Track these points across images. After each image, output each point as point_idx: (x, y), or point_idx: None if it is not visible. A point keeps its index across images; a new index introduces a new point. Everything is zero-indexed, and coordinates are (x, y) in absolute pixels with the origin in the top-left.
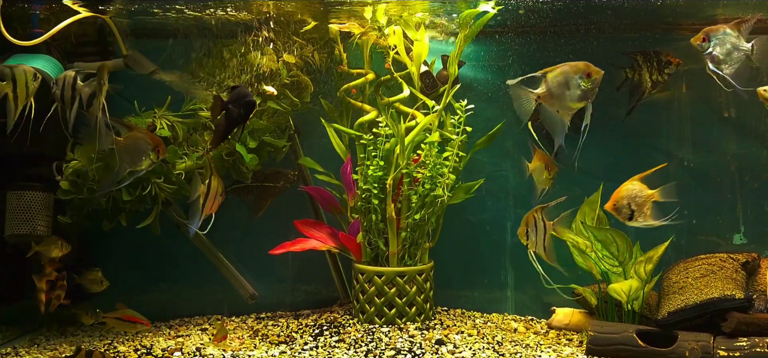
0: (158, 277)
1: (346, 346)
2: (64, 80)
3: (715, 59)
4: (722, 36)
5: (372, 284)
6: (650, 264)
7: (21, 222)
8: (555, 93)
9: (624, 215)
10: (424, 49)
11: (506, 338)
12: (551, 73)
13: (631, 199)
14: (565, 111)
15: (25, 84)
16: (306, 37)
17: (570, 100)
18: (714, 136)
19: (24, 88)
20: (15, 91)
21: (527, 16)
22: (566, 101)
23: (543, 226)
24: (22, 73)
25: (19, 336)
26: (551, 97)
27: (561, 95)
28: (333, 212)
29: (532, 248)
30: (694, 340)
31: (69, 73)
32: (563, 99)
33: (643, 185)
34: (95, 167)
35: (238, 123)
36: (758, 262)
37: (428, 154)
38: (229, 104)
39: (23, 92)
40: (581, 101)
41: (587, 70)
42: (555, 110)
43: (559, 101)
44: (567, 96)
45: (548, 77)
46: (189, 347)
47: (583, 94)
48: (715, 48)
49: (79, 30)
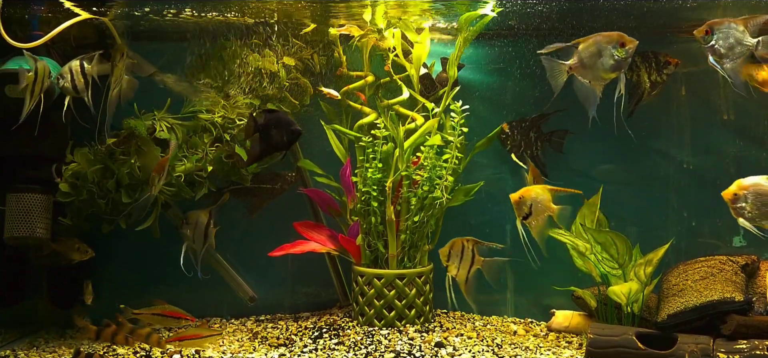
0: (157, 279)
1: (345, 348)
2: (70, 71)
3: (717, 53)
4: (726, 30)
5: (371, 287)
6: (650, 266)
7: (20, 224)
8: (587, 63)
9: (521, 212)
10: (423, 52)
11: (506, 341)
12: (584, 43)
13: (535, 202)
14: (598, 82)
15: (42, 79)
16: (306, 40)
17: (603, 71)
18: (713, 138)
19: (40, 83)
20: (33, 85)
21: (527, 18)
22: (599, 72)
23: (471, 257)
24: (43, 68)
25: (18, 339)
26: (583, 68)
27: (593, 66)
28: (332, 214)
29: (451, 272)
30: (694, 342)
31: (73, 63)
32: (596, 69)
33: (550, 197)
34: (94, 169)
35: (279, 149)
36: (758, 264)
37: (427, 157)
38: (269, 129)
39: (39, 87)
40: (614, 71)
41: (621, 40)
42: (587, 81)
43: (591, 72)
44: (599, 66)
45: (580, 48)
46: (188, 350)
47: (617, 64)
48: (717, 41)
49: (78, 32)
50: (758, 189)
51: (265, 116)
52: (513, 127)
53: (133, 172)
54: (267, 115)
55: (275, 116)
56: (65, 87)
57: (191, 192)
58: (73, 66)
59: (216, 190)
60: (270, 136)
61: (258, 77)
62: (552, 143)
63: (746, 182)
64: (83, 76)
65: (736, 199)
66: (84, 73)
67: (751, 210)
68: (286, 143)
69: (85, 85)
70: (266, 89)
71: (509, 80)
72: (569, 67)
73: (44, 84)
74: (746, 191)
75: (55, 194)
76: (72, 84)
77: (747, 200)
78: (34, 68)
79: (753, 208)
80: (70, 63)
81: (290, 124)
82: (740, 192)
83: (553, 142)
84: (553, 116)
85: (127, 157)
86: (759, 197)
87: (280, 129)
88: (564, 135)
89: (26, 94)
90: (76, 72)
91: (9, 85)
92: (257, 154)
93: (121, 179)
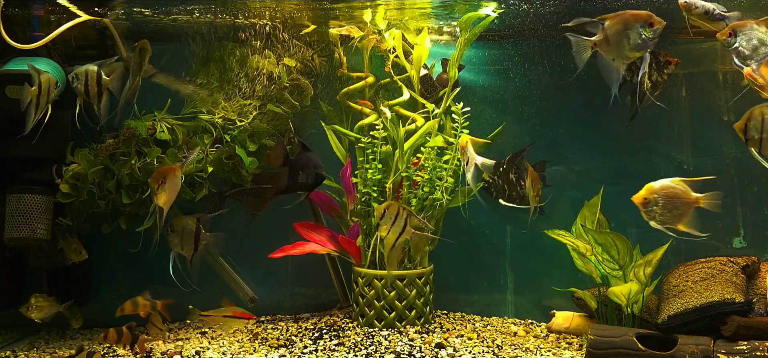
0: (157, 280)
1: (345, 349)
2: (86, 74)
3: (741, 55)
4: (749, 31)
5: (372, 288)
6: (650, 267)
7: (20, 225)
8: (613, 41)
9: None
10: (424, 53)
11: (506, 342)
12: (611, 20)
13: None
14: (622, 60)
15: (47, 92)
16: (306, 41)
17: (628, 49)
18: (713, 140)
19: (46, 96)
20: (38, 98)
21: (526, 19)
22: (625, 50)
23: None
24: (47, 81)
25: (18, 339)
26: (608, 45)
27: (619, 43)
28: (333, 215)
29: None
30: (694, 343)
31: (91, 67)
32: (622, 47)
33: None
34: (94, 171)
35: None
36: (758, 265)
37: (428, 158)
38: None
39: (44, 99)
40: (640, 51)
41: (649, 19)
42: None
43: (616, 49)
44: (625, 44)
45: (607, 24)
46: (188, 351)
47: (643, 43)
48: (740, 43)
49: (79, 33)
50: (668, 192)
51: (298, 153)
52: (493, 174)
53: (134, 173)
54: (300, 153)
55: (306, 156)
56: (77, 88)
57: (191, 193)
58: (90, 71)
59: (216, 192)
60: (297, 175)
61: (258, 78)
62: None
63: (656, 186)
64: (98, 85)
65: (646, 203)
66: (100, 83)
67: (662, 213)
68: (310, 186)
69: (98, 94)
70: (267, 89)
71: (509, 81)
72: (594, 44)
73: (50, 96)
74: (656, 195)
75: (55, 195)
76: (85, 88)
77: (658, 203)
78: (38, 81)
79: (664, 210)
80: (87, 66)
81: (318, 167)
82: (651, 196)
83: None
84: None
85: (128, 158)
86: (669, 200)
87: (308, 171)
88: (543, 167)
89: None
90: (91, 78)
91: (9, 86)
92: (282, 190)
93: (121, 179)
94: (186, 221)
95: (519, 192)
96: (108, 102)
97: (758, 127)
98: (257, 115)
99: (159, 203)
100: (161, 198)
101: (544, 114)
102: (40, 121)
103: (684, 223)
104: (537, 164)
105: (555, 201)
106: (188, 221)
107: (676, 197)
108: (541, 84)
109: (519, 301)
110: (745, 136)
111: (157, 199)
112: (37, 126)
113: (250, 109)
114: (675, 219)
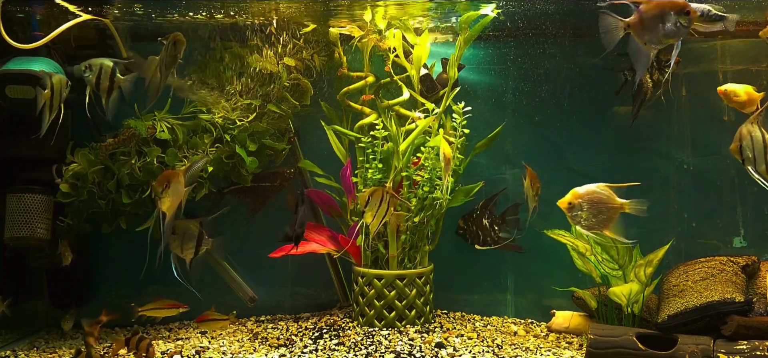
0: (157, 279)
1: (345, 349)
2: (100, 68)
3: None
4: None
5: (372, 287)
6: (650, 267)
7: (21, 225)
8: (648, 25)
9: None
10: (424, 53)
11: (506, 341)
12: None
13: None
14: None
15: (60, 91)
16: (306, 40)
17: (662, 35)
18: (714, 139)
19: (58, 97)
20: (52, 100)
21: (525, 20)
22: (659, 35)
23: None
24: (59, 81)
25: (18, 339)
26: (642, 28)
27: (654, 28)
28: (333, 215)
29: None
30: (694, 343)
31: (106, 61)
32: (656, 32)
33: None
34: (95, 170)
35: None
36: (758, 265)
37: (428, 158)
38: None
39: (57, 100)
40: (673, 38)
41: (686, 8)
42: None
43: (650, 34)
44: (660, 30)
45: (643, 7)
46: (188, 350)
47: (678, 30)
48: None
49: (79, 33)
50: (592, 197)
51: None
52: (467, 221)
53: (134, 173)
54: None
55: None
56: (89, 79)
57: (191, 192)
58: (106, 66)
59: (216, 191)
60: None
61: (258, 78)
62: (508, 222)
63: (581, 191)
64: (110, 82)
65: (571, 207)
66: (112, 80)
67: (587, 218)
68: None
69: (108, 90)
70: (267, 89)
71: (509, 81)
72: (627, 24)
73: (63, 95)
74: (581, 199)
75: (55, 194)
76: (96, 82)
77: (582, 208)
78: (50, 85)
79: (589, 216)
80: (104, 60)
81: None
82: (575, 201)
83: (508, 222)
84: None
85: (128, 158)
86: (594, 204)
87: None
88: (516, 210)
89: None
90: (104, 74)
91: (9, 86)
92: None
93: (121, 179)
94: (188, 224)
95: (493, 236)
96: (116, 100)
97: (750, 145)
98: (257, 114)
99: (163, 207)
100: (165, 203)
101: (544, 114)
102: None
103: (609, 228)
104: (510, 207)
105: (555, 201)
106: (190, 224)
107: (600, 202)
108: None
109: (519, 301)
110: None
111: (161, 203)
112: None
113: (248, 111)
114: (600, 224)
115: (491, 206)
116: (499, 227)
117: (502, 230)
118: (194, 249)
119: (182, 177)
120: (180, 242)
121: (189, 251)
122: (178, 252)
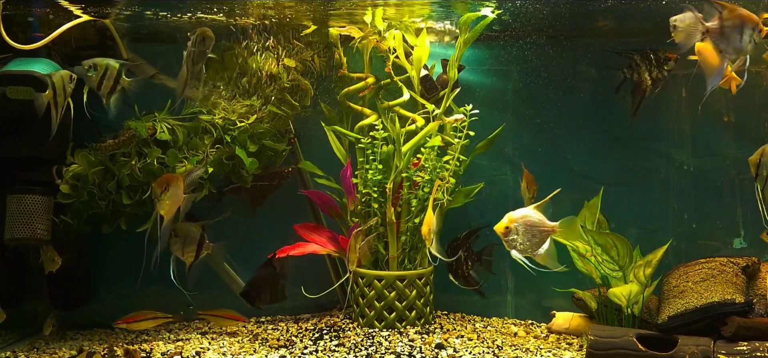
0: (157, 280)
1: (345, 350)
2: (106, 68)
3: None
4: None
5: (372, 288)
6: (650, 268)
7: (21, 226)
8: (728, 34)
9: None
10: (424, 53)
11: (506, 342)
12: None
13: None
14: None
15: (63, 88)
16: (306, 41)
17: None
18: (714, 140)
19: (62, 92)
20: (55, 98)
21: (525, 20)
22: (734, 45)
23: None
24: (60, 78)
25: (18, 340)
26: (721, 36)
27: (732, 37)
28: (333, 215)
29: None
30: (695, 344)
31: (112, 62)
32: (733, 43)
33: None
34: (95, 171)
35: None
36: (758, 266)
37: (428, 158)
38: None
39: (62, 96)
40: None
41: (759, 26)
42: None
43: (728, 43)
44: (737, 40)
45: (724, 14)
46: (189, 351)
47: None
48: None
49: (79, 34)
50: (527, 220)
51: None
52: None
53: (134, 174)
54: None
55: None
56: (91, 78)
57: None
58: (111, 67)
59: (216, 191)
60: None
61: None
62: (482, 262)
63: (516, 215)
64: (114, 82)
65: (507, 232)
66: (117, 81)
67: (522, 241)
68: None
69: (110, 90)
70: (267, 90)
71: (509, 81)
72: (707, 29)
73: (67, 91)
74: (516, 223)
75: (55, 195)
76: (99, 81)
77: (518, 232)
78: (52, 84)
79: (524, 239)
80: (109, 60)
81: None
82: (511, 225)
83: (483, 262)
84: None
85: (128, 159)
86: (528, 228)
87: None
88: (491, 251)
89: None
90: (109, 75)
91: (10, 86)
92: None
93: (121, 180)
94: (190, 227)
95: (464, 272)
96: (118, 102)
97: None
98: (258, 115)
99: (161, 210)
100: (163, 205)
101: (545, 114)
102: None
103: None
104: (485, 248)
105: (555, 201)
106: (192, 228)
107: (533, 225)
108: (541, 84)
109: (519, 301)
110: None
111: (160, 206)
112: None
113: (248, 111)
114: (534, 247)
115: (472, 238)
116: (473, 264)
117: (475, 268)
118: (195, 253)
119: (182, 181)
120: (181, 245)
121: (190, 254)
122: (179, 255)
